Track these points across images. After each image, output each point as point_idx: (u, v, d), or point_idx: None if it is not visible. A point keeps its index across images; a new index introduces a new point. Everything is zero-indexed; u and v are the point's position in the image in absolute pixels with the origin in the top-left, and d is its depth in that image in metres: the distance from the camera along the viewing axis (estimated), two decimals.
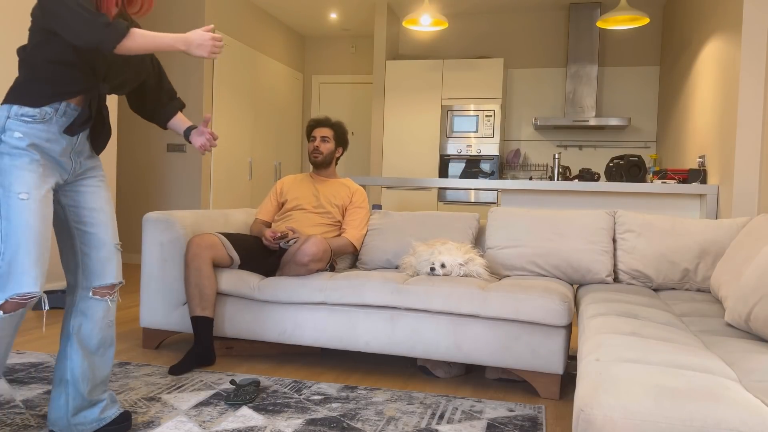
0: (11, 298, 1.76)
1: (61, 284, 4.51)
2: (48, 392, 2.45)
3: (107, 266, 2.04)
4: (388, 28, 6.84)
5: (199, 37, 1.91)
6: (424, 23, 5.18)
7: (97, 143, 2.07)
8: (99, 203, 2.08)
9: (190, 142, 2.28)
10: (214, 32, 2.02)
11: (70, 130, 1.98)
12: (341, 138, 3.44)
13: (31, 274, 1.79)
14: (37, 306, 4.06)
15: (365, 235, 3.39)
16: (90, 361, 2.04)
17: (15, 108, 1.90)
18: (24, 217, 1.82)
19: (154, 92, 2.24)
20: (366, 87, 7.91)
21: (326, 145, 3.39)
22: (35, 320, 3.74)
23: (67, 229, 2.04)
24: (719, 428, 1.20)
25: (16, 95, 1.91)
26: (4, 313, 1.77)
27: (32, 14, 1.92)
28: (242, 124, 6.53)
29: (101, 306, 2.04)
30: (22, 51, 1.95)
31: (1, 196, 1.83)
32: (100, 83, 1.99)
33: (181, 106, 2.31)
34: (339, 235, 3.33)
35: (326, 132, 3.39)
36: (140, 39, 1.86)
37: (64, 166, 1.99)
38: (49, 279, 4.43)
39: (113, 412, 2.10)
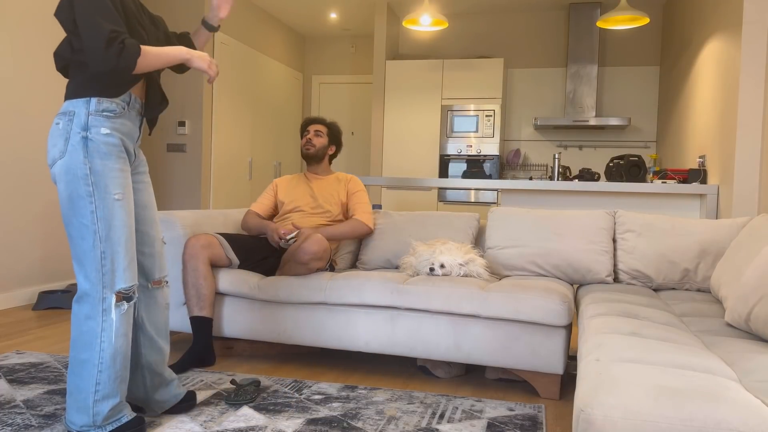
0: (117, 293, 1.93)
1: (60, 284, 4.51)
2: (48, 392, 2.45)
3: (159, 261, 2.19)
4: (388, 28, 6.84)
5: (200, 53, 2.08)
6: (424, 23, 5.18)
7: (154, 121, 2.18)
8: (150, 200, 2.18)
9: (213, 27, 2.34)
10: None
11: (150, 113, 2.08)
12: (335, 136, 3.44)
13: (129, 269, 1.96)
14: (36, 306, 4.06)
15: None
16: (159, 342, 2.19)
17: (94, 102, 1.92)
18: (120, 217, 1.94)
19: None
20: (366, 87, 7.91)
21: (319, 138, 3.38)
22: (35, 320, 3.74)
23: None
24: (719, 428, 1.20)
25: (92, 88, 1.92)
26: (116, 304, 1.94)
27: (61, 19, 1.91)
28: (242, 124, 6.53)
29: (160, 293, 2.20)
30: (68, 52, 1.94)
31: (97, 198, 1.91)
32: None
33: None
34: None
35: (320, 127, 3.41)
36: (151, 57, 1.93)
37: (131, 160, 2.07)
38: (49, 279, 4.43)
39: (182, 391, 2.29)
